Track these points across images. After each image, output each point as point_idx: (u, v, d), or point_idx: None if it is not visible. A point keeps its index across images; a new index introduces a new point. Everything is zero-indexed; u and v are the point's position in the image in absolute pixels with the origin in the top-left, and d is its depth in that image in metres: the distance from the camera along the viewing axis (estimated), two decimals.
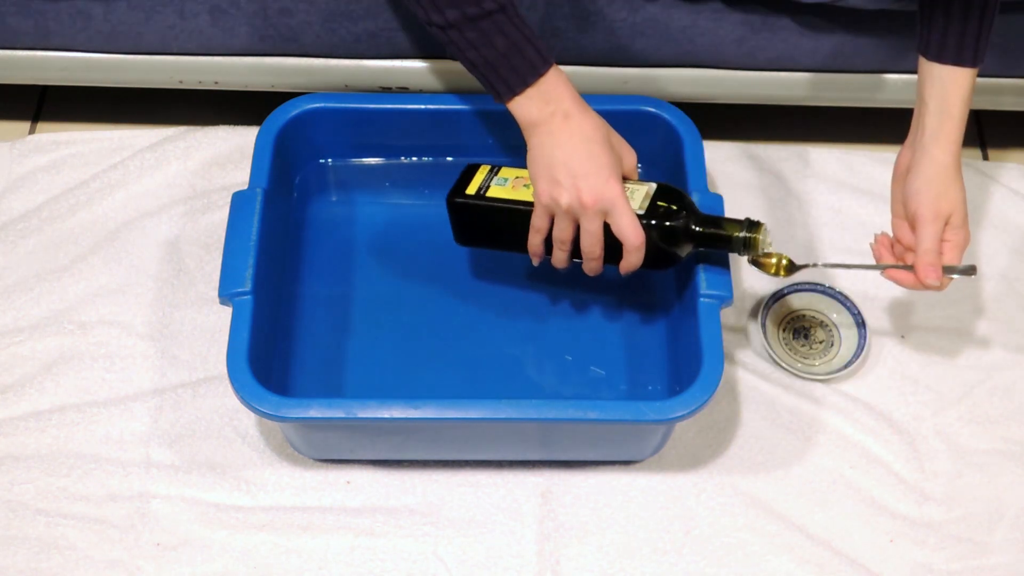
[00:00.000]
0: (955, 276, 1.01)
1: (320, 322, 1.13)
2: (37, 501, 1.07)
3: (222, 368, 1.14)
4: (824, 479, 1.10)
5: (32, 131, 1.33)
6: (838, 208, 1.27)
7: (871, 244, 1.07)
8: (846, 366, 1.16)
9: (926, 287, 1.00)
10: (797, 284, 1.21)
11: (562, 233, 1.01)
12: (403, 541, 1.06)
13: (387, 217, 1.20)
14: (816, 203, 1.27)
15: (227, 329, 1.04)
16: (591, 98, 1.16)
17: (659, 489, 1.09)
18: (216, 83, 1.24)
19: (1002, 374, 1.17)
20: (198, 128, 1.30)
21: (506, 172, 1.07)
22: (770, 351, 1.15)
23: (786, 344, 1.18)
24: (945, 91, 1.00)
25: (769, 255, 1.03)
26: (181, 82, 1.24)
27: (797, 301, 1.21)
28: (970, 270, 1.01)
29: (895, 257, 1.05)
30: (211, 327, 1.17)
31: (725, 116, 1.34)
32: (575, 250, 1.03)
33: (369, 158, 1.21)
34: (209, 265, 1.21)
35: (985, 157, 1.34)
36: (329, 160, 1.22)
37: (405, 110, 1.16)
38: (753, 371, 1.15)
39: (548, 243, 1.03)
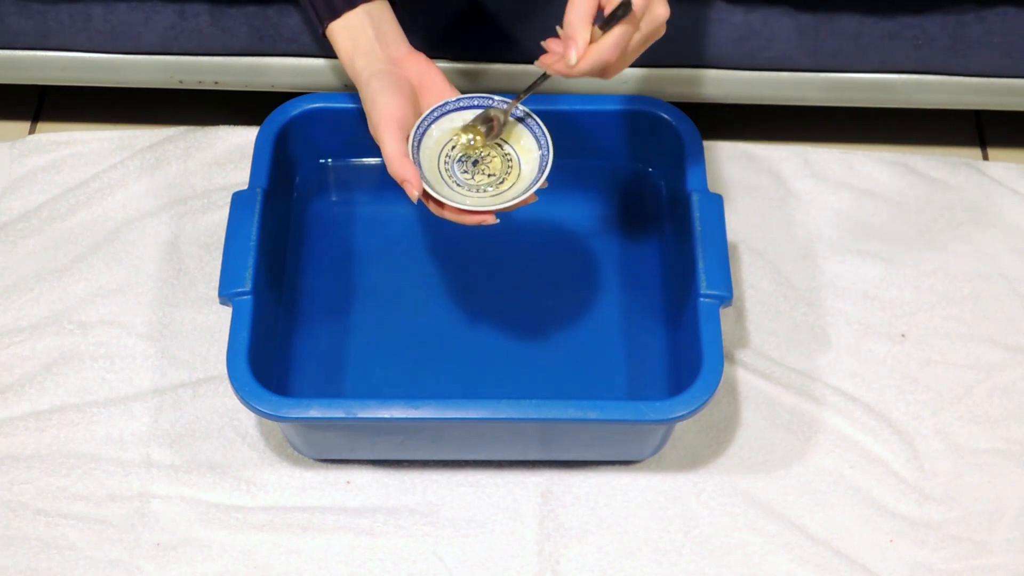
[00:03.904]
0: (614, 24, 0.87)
1: (320, 322, 1.13)
2: (37, 501, 1.07)
3: (222, 368, 1.14)
4: (824, 479, 1.10)
5: (32, 131, 1.33)
6: (838, 208, 1.27)
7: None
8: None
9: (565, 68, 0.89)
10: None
11: None
12: (403, 541, 1.06)
13: (387, 217, 1.20)
14: (816, 203, 1.27)
15: (227, 329, 1.04)
16: (591, 98, 1.17)
17: (659, 489, 1.09)
18: (216, 83, 1.24)
19: (1002, 374, 1.17)
20: (198, 128, 1.30)
21: None
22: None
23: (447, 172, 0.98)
24: None
25: None
26: (181, 82, 1.24)
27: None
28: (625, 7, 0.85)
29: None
30: (211, 327, 1.17)
31: (725, 116, 1.34)
32: None
33: (369, 158, 1.21)
34: (209, 265, 1.21)
35: (985, 157, 1.34)
36: (329, 160, 1.22)
37: None
38: (753, 371, 1.15)
39: None
